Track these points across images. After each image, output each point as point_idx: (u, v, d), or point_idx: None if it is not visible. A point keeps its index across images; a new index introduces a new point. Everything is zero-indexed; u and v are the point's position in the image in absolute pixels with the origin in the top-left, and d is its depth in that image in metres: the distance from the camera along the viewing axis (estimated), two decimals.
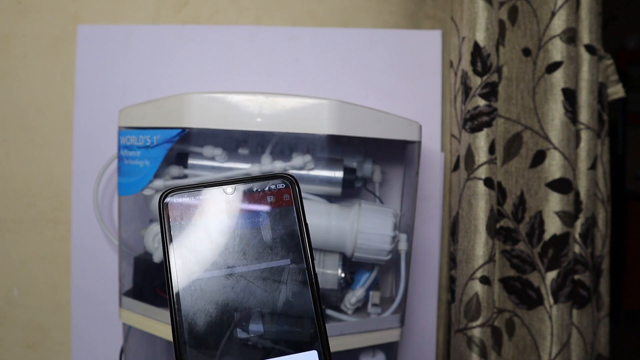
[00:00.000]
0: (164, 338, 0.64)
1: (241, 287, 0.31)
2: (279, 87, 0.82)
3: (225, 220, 0.32)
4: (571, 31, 0.72)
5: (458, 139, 0.79)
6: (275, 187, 0.33)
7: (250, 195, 0.32)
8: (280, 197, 0.32)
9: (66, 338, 0.83)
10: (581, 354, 0.75)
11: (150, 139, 0.62)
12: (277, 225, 0.32)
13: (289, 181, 0.33)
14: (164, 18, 0.83)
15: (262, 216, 0.32)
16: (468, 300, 0.72)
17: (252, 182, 0.33)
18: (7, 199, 0.83)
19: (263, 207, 0.32)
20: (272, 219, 0.32)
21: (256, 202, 0.32)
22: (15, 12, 0.83)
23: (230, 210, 0.32)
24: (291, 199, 0.33)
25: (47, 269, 0.84)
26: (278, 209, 0.32)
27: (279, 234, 0.32)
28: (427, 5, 0.84)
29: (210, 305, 0.30)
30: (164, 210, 0.32)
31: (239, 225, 0.32)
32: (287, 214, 0.32)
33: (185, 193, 0.32)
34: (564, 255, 0.73)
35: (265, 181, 0.33)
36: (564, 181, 0.73)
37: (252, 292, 0.31)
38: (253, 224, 0.32)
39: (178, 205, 0.32)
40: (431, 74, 0.83)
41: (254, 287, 0.31)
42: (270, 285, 0.31)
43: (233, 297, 0.31)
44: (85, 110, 0.82)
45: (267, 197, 0.32)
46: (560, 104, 0.73)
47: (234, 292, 0.31)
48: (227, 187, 0.32)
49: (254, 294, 0.31)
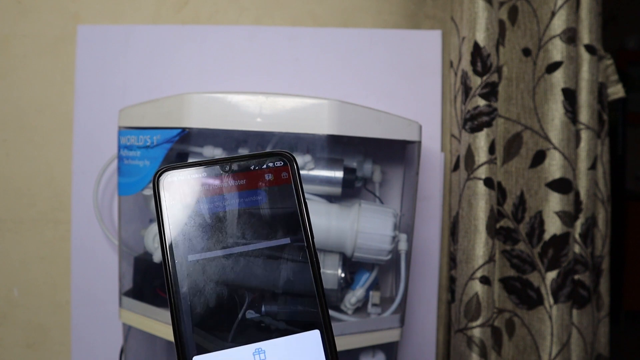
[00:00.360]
0: (164, 338, 0.64)
1: (240, 267, 0.30)
2: (279, 87, 0.82)
3: (223, 199, 0.31)
4: (571, 31, 0.72)
5: (458, 139, 0.78)
6: (273, 165, 0.32)
7: (247, 173, 0.31)
8: (278, 175, 0.32)
9: (66, 338, 0.83)
10: (581, 354, 0.75)
11: (150, 139, 0.62)
12: (275, 204, 0.31)
13: (287, 159, 0.32)
14: (164, 18, 0.83)
15: (260, 194, 0.31)
16: (468, 300, 0.72)
17: (249, 159, 0.32)
18: (7, 199, 0.83)
19: (261, 185, 0.31)
20: (271, 197, 0.31)
21: (254, 179, 0.31)
22: (15, 12, 0.83)
23: (227, 188, 0.31)
24: (289, 177, 0.32)
25: (47, 269, 0.84)
26: (276, 187, 0.31)
27: (278, 212, 0.31)
28: (427, 5, 0.84)
29: (209, 286, 0.30)
30: (158, 189, 0.30)
31: (237, 203, 0.31)
32: (286, 192, 0.31)
33: (181, 171, 0.31)
34: (564, 255, 0.73)
35: (262, 158, 0.32)
36: (564, 181, 0.73)
37: (252, 272, 0.30)
38: (251, 202, 0.31)
39: (173, 184, 0.31)
40: (431, 74, 0.83)
41: (253, 267, 0.31)
42: (270, 264, 0.31)
43: (232, 278, 0.30)
44: (85, 110, 0.82)
45: (265, 175, 0.32)
46: (560, 104, 0.73)
47: (233, 273, 0.30)
48: (224, 165, 0.31)
49: (254, 274, 0.30)
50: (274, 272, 0.31)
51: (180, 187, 0.31)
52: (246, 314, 0.30)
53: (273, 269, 0.31)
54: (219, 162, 0.31)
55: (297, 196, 0.31)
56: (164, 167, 0.31)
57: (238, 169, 0.31)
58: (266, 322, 0.30)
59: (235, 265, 0.30)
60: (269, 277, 0.31)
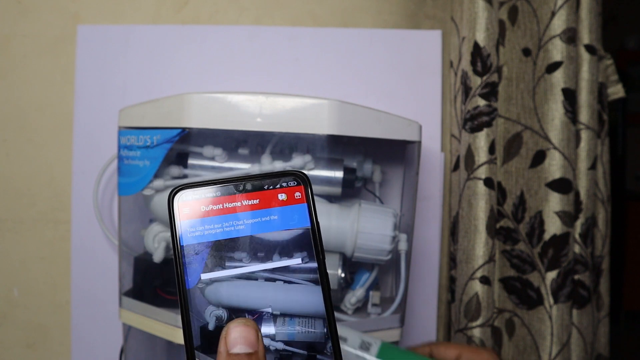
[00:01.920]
0: (164, 338, 0.64)
1: (252, 286, 0.31)
2: (279, 87, 0.82)
3: (236, 218, 0.31)
4: (571, 31, 0.72)
5: (458, 139, 0.79)
6: (286, 184, 0.32)
7: (261, 193, 0.32)
8: (292, 195, 0.32)
9: (66, 338, 0.83)
10: (581, 354, 0.75)
11: (150, 139, 0.62)
12: (288, 223, 0.32)
13: (300, 179, 0.32)
14: (164, 18, 0.83)
15: (273, 214, 0.32)
16: (468, 300, 0.72)
17: (263, 179, 0.32)
18: (7, 199, 0.83)
19: (274, 205, 0.32)
20: (284, 216, 0.32)
21: (267, 199, 0.32)
22: (15, 12, 0.83)
23: (241, 207, 0.31)
24: (303, 197, 0.32)
25: (47, 269, 0.84)
26: (290, 206, 0.32)
27: (291, 232, 0.31)
28: (427, 5, 0.84)
29: (220, 305, 0.30)
30: (173, 207, 0.31)
31: (250, 223, 0.31)
32: (299, 212, 0.32)
33: (195, 190, 0.31)
34: (564, 255, 0.73)
35: (276, 178, 0.32)
36: (564, 181, 0.73)
37: (263, 292, 0.31)
38: (264, 222, 0.31)
39: (188, 203, 0.31)
40: (431, 74, 0.83)
41: (265, 286, 0.31)
42: (281, 284, 0.31)
43: (244, 297, 0.30)
44: (85, 110, 0.82)
45: (279, 195, 0.32)
46: (560, 104, 0.73)
47: (245, 292, 0.31)
48: (238, 185, 0.32)
49: (265, 293, 0.31)
50: (285, 292, 0.31)
51: (195, 205, 0.31)
52: None
53: (284, 289, 0.31)
54: (233, 182, 0.32)
55: (310, 216, 0.32)
56: (179, 186, 0.31)
57: (252, 189, 0.32)
58: (276, 343, 0.30)
59: (247, 284, 0.31)
60: (279, 297, 0.31)
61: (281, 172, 0.32)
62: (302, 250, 0.31)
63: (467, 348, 0.42)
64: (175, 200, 0.31)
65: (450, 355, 0.42)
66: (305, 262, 0.31)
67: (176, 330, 0.61)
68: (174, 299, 0.64)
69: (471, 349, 0.42)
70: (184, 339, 0.29)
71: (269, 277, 0.31)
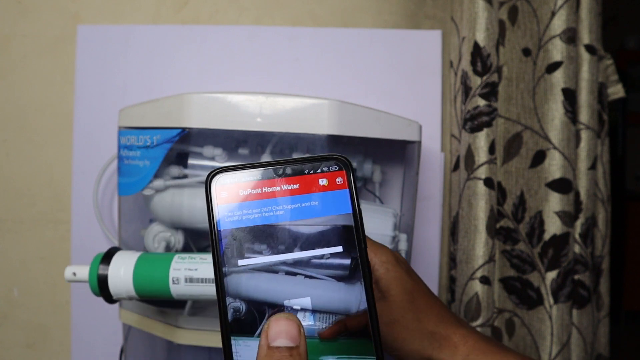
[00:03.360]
0: (164, 338, 0.64)
1: (290, 275, 0.30)
2: (279, 87, 0.82)
3: (275, 203, 0.30)
4: (571, 31, 0.72)
5: (458, 139, 0.79)
6: (328, 169, 0.31)
7: (301, 177, 0.31)
8: (333, 180, 0.31)
9: (66, 338, 0.83)
10: (581, 354, 0.75)
11: (150, 139, 0.62)
12: (329, 210, 0.30)
13: (342, 163, 0.31)
14: (164, 18, 0.83)
15: (313, 200, 0.30)
16: (468, 300, 0.72)
17: (303, 163, 0.31)
18: (7, 199, 0.83)
19: (315, 190, 0.30)
20: (324, 203, 0.30)
21: (308, 184, 0.30)
22: (15, 12, 0.83)
23: (280, 192, 0.30)
24: (344, 182, 0.31)
25: (47, 269, 0.84)
26: (331, 192, 0.31)
27: (331, 219, 0.30)
28: (427, 5, 0.84)
29: (257, 292, 0.29)
30: (211, 191, 0.30)
31: (289, 209, 0.30)
32: (340, 198, 0.30)
33: (234, 173, 0.30)
34: (564, 255, 0.73)
35: (317, 163, 0.31)
36: (564, 181, 0.73)
37: (301, 280, 0.30)
38: (304, 207, 0.30)
39: (225, 186, 0.30)
40: (431, 74, 0.83)
41: (302, 274, 0.30)
42: (320, 273, 0.30)
43: (281, 285, 0.30)
44: (85, 110, 0.82)
45: (320, 180, 0.31)
46: (560, 104, 0.73)
47: (282, 280, 0.30)
48: (277, 168, 0.31)
49: (303, 282, 0.30)
50: (323, 281, 0.30)
51: (232, 189, 0.30)
52: None
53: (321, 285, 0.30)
54: (272, 165, 0.31)
55: (352, 203, 0.30)
56: (217, 169, 0.30)
57: (292, 173, 0.31)
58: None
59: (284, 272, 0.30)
60: (317, 287, 0.30)
61: (323, 156, 0.31)
62: (342, 238, 0.30)
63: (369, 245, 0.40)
64: (213, 183, 0.30)
65: None
66: (346, 250, 0.30)
67: (176, 330, 0.61)
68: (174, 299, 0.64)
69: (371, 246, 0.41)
70: (220, 324, 0.28)
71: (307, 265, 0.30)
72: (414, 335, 0.37)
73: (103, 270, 0.50)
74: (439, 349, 0.38)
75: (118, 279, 0.50)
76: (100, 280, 0.50)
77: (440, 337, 0.38)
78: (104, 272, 0.50)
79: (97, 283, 0.50)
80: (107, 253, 0.51)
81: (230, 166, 0.31)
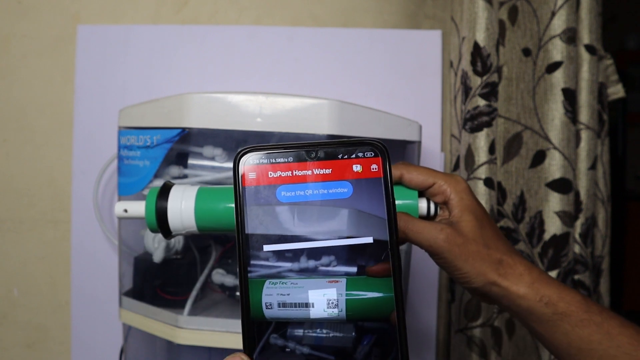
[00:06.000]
0: (164, 338, 0.64)
1: (317, 262, 0.29)
2: (279, 87, 0.82)
3: (305, 188, 0.29)
4: (571, 31, 0.72)
5: (458, 139, 0.79)
6: (363, 155, 0.29)
7: (334, 162, 0.29)
8: (367, 167, 0.29)
9: (66, 338, 0.83)
10: None
11: (150, 139, 0.62)
12: (361, 198, 0.29)
13: (379, 150, 0.29)
14: (164, 18, 0.83)
15: (346, 186, 0.29)
16: (468, 300, 0.72)
17: (338, 146, 0.29)
18: (7, 199, 0.83)
19: (348, 176, 0.29)
20: (357, 190, 0.29)
21: (341, 170, 0.29)
22: (15, 12, 0.83)
23: (311, 176, 0.29)
24: (380, 170, 0.29)
25: (47, 269, 0.84)
26: (364, 179, 0.29)
27: (363, 208, 0.29)
28: (427, 5, 0.84)
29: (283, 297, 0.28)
30: (238, 171, 0.28)
31: (320, 194, 0.29)
32: (374, 187, 0.29)
33: (264, 153, 0.28)
34: (564, 255, 0.73)
35: (352, 147, 0.29)
36: (564, 181, 0.73)
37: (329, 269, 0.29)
38: (336, 194, 0.29)
39: (254, 167, 0.28)
40: (431, 74, 0.83)
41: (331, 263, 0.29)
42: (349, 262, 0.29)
43: (308, 272, 0.28)
44: (85, 110, 0.82)
45: (354, 166, 0.29)
46: (560, 104, 0.73)
47: (309, 267, 0.29)
48: (310, 151, 0.29)
49: (331, 270, 0.28)
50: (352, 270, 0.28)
51: (262, 170, 0.29)
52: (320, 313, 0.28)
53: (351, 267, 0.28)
54: (304, 147, 0.29)
55: (385, 193, 0.29)
56: (247, 148, 0.29)
57: (325, 157, 0.29)
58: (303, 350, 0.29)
59: (312, 259, 0.29)
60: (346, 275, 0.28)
61: (358, 140, 0.29)
62: (374, 228, 0.28)
63: (440, 175, 0.41)
64: (241, 163, 0.28)
65: (420, 180, 0.41)
66: (377, 241, 0.28)
67: (176, 330, 0.61)
68: (174, 299, 0.64)
69: (444, 176, 0.41)
70: (241, 315, 0.27)
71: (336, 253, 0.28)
72: (482, 260, 0.39)
73: (161, 203, 0.45)
74: (504, 275, 0.40)
75: (178, 212, 0.45)
76: (159, 213, 0.45)
77: (506, 264, 0.40)
78: (163, 205, 0.46)
79: (156, 217, 0.45)
80: (163, 187, 0.46)
81: (262, 145, 0.29)
